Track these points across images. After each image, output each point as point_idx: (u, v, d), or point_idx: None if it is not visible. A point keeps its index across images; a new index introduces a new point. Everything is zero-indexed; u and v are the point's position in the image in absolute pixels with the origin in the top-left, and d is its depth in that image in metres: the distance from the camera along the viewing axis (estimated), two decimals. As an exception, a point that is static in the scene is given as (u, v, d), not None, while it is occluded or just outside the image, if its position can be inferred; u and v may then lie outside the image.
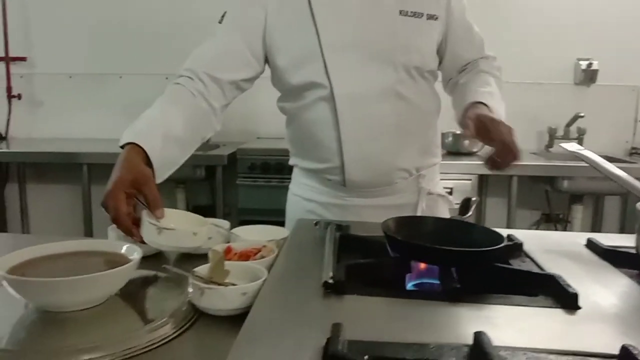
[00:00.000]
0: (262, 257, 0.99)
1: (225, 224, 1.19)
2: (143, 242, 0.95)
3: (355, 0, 1.26)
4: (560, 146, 1.33)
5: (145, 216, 0.96)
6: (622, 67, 3.19)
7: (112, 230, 1.09)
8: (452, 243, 0.95)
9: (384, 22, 1.25)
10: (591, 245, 1.10)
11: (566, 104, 3.21)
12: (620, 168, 2.90)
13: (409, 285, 0.90)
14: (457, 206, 1.22)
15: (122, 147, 1.07)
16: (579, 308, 0.77)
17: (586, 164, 2.99)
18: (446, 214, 1.44)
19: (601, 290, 0.86)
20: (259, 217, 2.81)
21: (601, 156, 3.39)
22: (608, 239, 1.13)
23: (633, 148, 3.24)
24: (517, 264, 0.98)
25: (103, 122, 3.35)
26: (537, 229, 3.35)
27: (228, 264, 0.91)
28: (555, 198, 3.18)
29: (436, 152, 1.44)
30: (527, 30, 3.14)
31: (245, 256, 0.99)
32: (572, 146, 1.28)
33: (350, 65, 1.25)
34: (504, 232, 1.15)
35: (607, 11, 3.17)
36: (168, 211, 1.01)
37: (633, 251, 1.04)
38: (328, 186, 1.37)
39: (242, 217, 2.82)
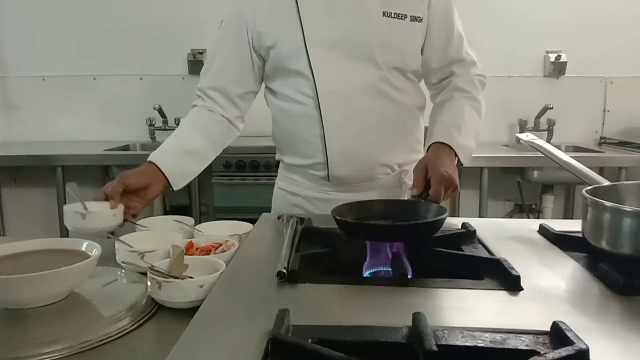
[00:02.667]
0: (224, 251, 1.01)
1: (190, 220, 1.21)
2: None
3: (340, 0, 1.28)
4: (517, 136, 1.37)
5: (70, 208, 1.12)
6: (590, 59, 3.26)
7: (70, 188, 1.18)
8: (401, 220, 0.99)
9: (367, 23, 1.28)
10: (543, 231, 1.14)
11: (536, 96, 3.27)
12: (590, 158, 2.98)
13: (365, 274, 0.94)
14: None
15: None
16: (521, 289, 0.81)
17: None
18: None
19: (546, 273, 0.90)
20: (235, 215, 2.85)
21: (571, 147, 3.47)
22: (560, 225, 1.18)
23: (602, 138, 3.31)
24: (469, 250, 1.01)
25: (78, 124, 3.35)
26: (511, 219, 3.41)
27: (188, 259, 0.94)
28: (526, 189, 3.24)
29: (419, 148, 1.47)
30: (497, 24, 3.20)
31: (207, 251, 1.01)
32: (526, 136, 1.33)
33: (334, 62, 1.28)
34: (461, 220, 1.20)
35: (574, 4, 3.24)
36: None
37: (581, 235, 1.09)
38: (313, 181, 1.40)
39: (219, 216, 2.84)
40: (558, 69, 3.24)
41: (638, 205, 1.06)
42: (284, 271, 0.82)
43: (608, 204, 0.92)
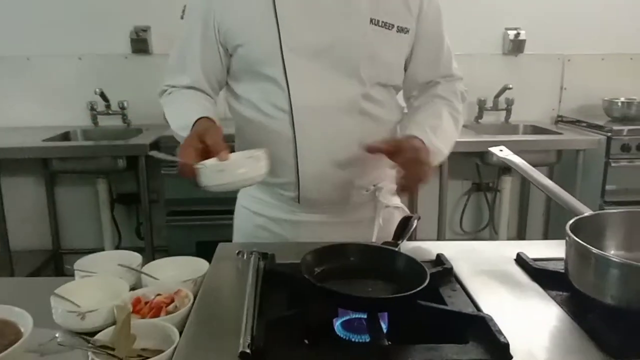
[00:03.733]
0: (176, 307, 0.90)
1: (136, 259, 1.08)
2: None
3: (324, 2, 1.13)
4: (490, 150, 1.29)
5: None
6: (548, 36, 3.21)
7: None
8: (376, 275, 0.93)
9: (353, 31, 1.13)
10: (520, 261, 1.08)
11: (495, 74, 3.22)
12: (548, 141, 2.96)
13: (337, 325, 0.85)
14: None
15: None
16: (510, 358, 0.74)
17: (514, 139, 3.08)
18: None
19: (531, 326, 0.84)
20: (187, 207, 2.72)
21: (529, 126, 3.45)
22: (536, 249, 1.13)
23: (559, 116, 3.30)
24: (447, 292, 0.94)
25: (12, 109, 3.07)
26: (468, 198, 3.41)
27: (135, 325, 0.82)
28: (485, 169, 3.21)
29: None
30: (455, 1, 3.09)
31: (157, 309, 0.89)
32: (501, 152, 1.26)
33: (313, 73, 1.14)
34: (435, 247, 1.12)
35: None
36: None
37: (561, 267, 1.03)
38: (280, 200, 1.27)
39: (170, 208, 2.70)
40: (517, 46, 3.18)
41: (622, 235, 1.02)
42: (248, 351, 0.72)
43: (594, 250, 0.85)
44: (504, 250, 1.14)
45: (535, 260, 1.07)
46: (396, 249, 0.99)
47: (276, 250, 1.08)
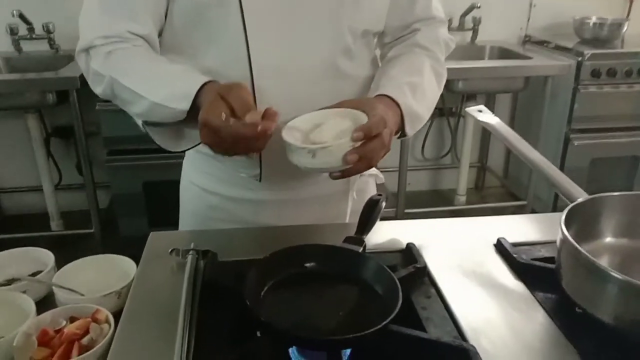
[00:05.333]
0: (92, 340, 0.73)
1: (48, 260, 0.89)
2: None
3: None
4: (466, 111, 1.12)
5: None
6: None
7: None
8: (337, 283, 0.79)
9: None
10: (501, 249, 0.94)
11: (461, -12, 2.97)
12: (516, 67, 2.78)
13: (292, 349, 0.71)
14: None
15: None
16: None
17: (480, 66, 2.88)
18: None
19: (519, 349, 0.71)
20: (129, 145, 2.48)
21: (495, 48, 3.23)
22: (517, 228, 1.02)
23: (527, 36, 3.11)
24: (420, 301, 0.81)
25: None
26: (430, 123, 3.26)
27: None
28: (449, 96, 3.04)
29: None
30: None
31: (69, 342, 0.73)
32: (481, 115, 1.08)
33: (279, 24, 0.90)
34: (402, 229, 0.98)
35: None
36: None
37: (545, 254, 0.91)
38: (237, 178, 1.06)
39: (111, 147, 2.46)
40: (485, -42, 2.92)
41: (621, 221, 0.88)
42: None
43: (594, 261, 0.71)
44: (480, 231, 1.00)
45: (516, 245, 0.94)
46: (361, 250, 0.83)
47: (227, 239, 0.94)
